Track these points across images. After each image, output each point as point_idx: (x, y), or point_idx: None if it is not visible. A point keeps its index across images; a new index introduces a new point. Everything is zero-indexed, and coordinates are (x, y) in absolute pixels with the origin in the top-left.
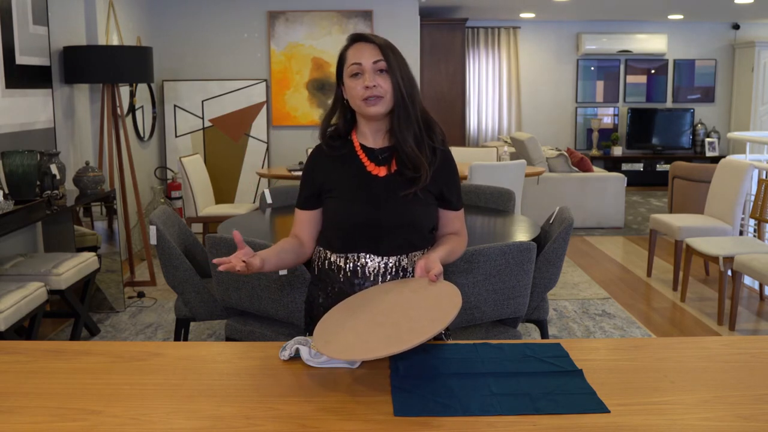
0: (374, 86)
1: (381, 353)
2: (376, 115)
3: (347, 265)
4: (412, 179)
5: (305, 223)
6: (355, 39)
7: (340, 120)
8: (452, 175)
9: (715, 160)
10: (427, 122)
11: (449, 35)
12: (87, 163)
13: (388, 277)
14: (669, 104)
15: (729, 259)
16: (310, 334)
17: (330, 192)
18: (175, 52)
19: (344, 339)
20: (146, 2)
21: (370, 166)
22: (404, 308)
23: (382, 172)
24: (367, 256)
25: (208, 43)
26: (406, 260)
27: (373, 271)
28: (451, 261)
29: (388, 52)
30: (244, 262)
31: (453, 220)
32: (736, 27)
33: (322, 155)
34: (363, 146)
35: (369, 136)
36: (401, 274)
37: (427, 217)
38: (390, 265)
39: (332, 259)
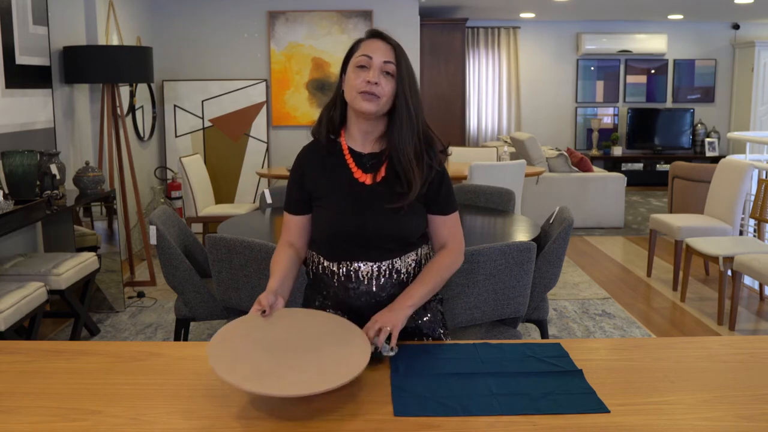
0: (376, 84)
1: (281, 393)
2: (367, 112)
3: (340, 270)
4: (400, 194)
5: (300, 228)
6: (374, 35)
7: (336, 112)
8: (444, 186)
9: (715, 160)
10: (427, 138)
11: (449, 35)
12: (87, 163)
13: (382, 279)
14: (669, 104)
15: (729, 259)
16: None
17: (318, 201)
18: (175, 52)
19: (249, 369)
20: (146, 2)
21: (357, 173)
22: (313, 350)
23: (368, 179)
24: (360, 261)
25: (208, 43)
26: (399, 262)
27: (367, 275)
28: (442, 282)
29: (401, 58)
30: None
31: (441, 226)
32: (736, 27)
33: (309, 160)
34: (351, 150)
35: (358, 138)
36: (395, 276)
37: (414, 226)
38: (383, 268)
39: (325, 264)
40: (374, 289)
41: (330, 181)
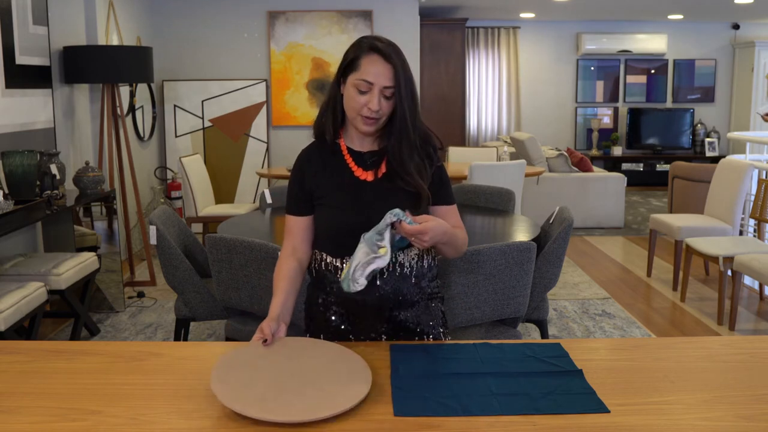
0: (378, 110)
1: (283, 419)
2: (366, 133)
3: (344, 266)
4: (404, 189)
5: (303, 230)
6: (374, 49)
7: (336, 115)
8: (444, 178)
9: (715, 160)
10: (423, 136)
11: (449, 35)
12: (87, 163)
13: (386, 274)
14: (669, 104)
15: (729, 259)
16: (311, 336)
17: (320, 199)
18: (175, 52)
19: (252, 396)
20: (146, 2)
21: (358, 171)
22: (315, 378)
23: (369, 176)
24: None
25: (208, 43)
26: (402, 256)
27: None
28: (455, 247)
29: (401, 76)
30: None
31: (446, 216)
32: (736, 27)
33: (309, 160)
34: (350, 150)
35: (356, 139)
36: (398, 270)
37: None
38: None
39: (328, 261)
40: (378, 283)
41: (331, 181)
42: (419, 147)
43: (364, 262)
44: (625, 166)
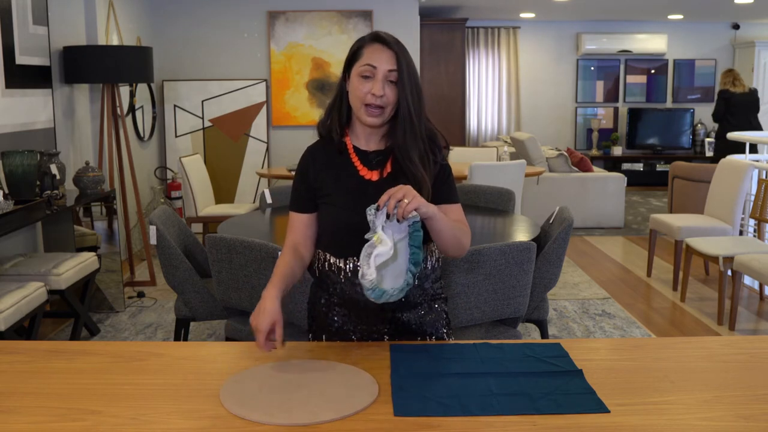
0: (381, 96)
1: (288, 421)
2: (371, 125)
3: (347, 266)
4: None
5: (305, 227)
6: (375, 39)
7: (342, 113)
8: (447, 180)
9: (715, 160)
10: (430, 134)
11: (449, 35)
12: (87, 163)
13: None
14: (669, 104)
15: (729, 259)
16: (313, 337)
17: (324, 198)
18: (175, 52)
19: (259, 404)
20: (146, 2)
21: (363, 171)
22: (321, 388)
23: (374, 176)
24: None
25: (208, 43)
26: None
27: None
28: (452, 231)
29: (404, 62)
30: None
31: (449, 213)
32: (736, 27)
33: (314, 158)
34: (356, 148)
35: (362, 137)
36: None
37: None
38: None
39: (331, 261)
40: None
41: (336, 180)
42: (425, 141)
43: (364, 255)
44: (625, 166)
